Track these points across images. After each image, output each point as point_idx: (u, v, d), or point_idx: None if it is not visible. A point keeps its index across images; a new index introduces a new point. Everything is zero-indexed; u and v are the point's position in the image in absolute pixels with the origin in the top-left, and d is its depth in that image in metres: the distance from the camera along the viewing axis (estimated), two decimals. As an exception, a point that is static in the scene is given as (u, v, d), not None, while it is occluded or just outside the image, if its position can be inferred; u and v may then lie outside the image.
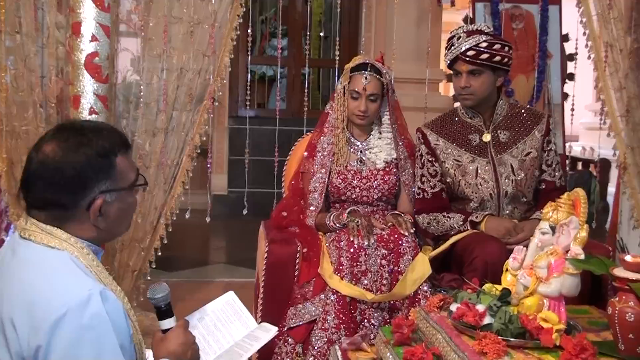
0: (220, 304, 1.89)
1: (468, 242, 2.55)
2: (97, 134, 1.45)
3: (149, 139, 3.15)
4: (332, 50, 4.27)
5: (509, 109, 2.82)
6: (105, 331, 1.33)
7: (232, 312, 1.89)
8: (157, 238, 3.23)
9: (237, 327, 1.86)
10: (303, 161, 2.90)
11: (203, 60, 3.19)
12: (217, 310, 1.88)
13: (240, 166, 4.26)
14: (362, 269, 2.56)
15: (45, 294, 1.33)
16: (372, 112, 2.79)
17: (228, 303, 1.91)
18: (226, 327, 1.85)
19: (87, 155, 1.42)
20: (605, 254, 2.46)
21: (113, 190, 1.45)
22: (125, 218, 1.53)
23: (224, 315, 1.87)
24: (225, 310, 1.89)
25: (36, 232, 1.42)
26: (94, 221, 1.44)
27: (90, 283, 1.36)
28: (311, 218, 2.79)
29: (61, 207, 1.42)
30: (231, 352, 1.81)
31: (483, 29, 2.70)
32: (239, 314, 1.90)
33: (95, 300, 1.33)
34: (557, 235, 1.86)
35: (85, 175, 1.42)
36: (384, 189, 2.80)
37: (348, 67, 2.82)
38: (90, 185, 1.42)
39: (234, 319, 1.89)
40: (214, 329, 1.83)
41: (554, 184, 2.75)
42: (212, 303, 1.88)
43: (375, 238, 2.59)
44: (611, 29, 3.33)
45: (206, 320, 1.83)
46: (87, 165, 1.42)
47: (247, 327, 1.86)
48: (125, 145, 1.50)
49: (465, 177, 2.73)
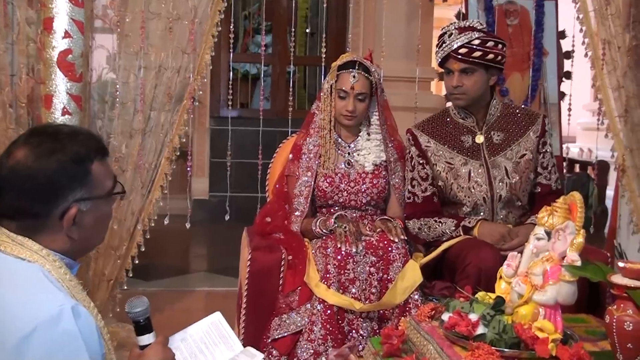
0: (205, 325, 1.88)
1: (460, 248, 2.56)
2: (72, 139, 1.44)
3: (125, 141, 3.14)
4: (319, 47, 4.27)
5: (503, 109, 2.84)
6: (76, 349, 1.31)
7: (217, 334, 1.88)
8: (134, 245, 3.22)
9: (221, 351, 1.86)
10: (288, 164, 2.90)
11: (182, 57, 3.18)
12: (202, 332, 1.87)
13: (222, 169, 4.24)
14: (350, 277, 2.56)
15: (13, 308, 1.31)
16: (361, 112, 2.80)
17: (214, 324, 1.89)
18: (210, 350, 1.85)
19: (60, 161, 1.40)
20: (603, 260, 2.48)
21: (88, 199, 1.44)
22: (100, 228, 1.52)
23: (208, 337, 1.87)
24: (210, 331, 1.88)
25: (6, 243, 1.40)
26: (68, 231, 1.43)
27: (61, 298, 1.34)
28: (296, 224, 2.79)
29: (33, 216, 1.41)
30: None
31: (475, 26, 2.72)
32: (224, 336, 1.89)
33: (67, 316, 1.31)
34: (553, 241, 1.87)
35: (59, 183, 1.40)
36: (372, 193, 2.81)
37: (335, 65, 2.82)
38: (63, 194, 1.41)
39: (218, 342, 1.88)
40: (197, 351, 1.83)
41: (549, 188, 2.77)
42: (197, 324, 1.86)
43: (364, 244, 2.60)
44: (609, 26, 3.36)
45: (189, 341, 1.83)
46: (60, 172, 1.40)
47: (232, 350, 1.86)
48: (102, 151, 1.49)
49: (458, 180, 2.74)
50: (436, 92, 7.58)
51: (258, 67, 7.34)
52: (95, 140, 1.50)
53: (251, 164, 4.36)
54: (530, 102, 4.76)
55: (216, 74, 6.67)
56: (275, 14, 6.87)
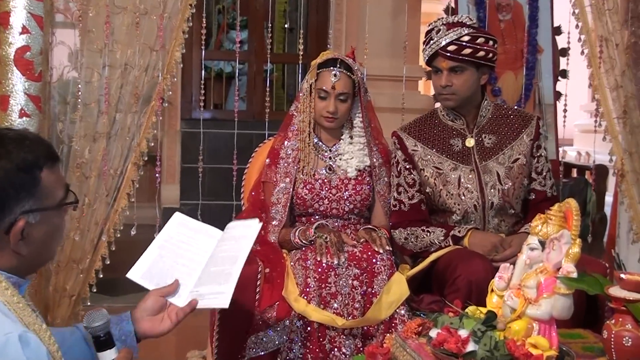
0: (172, 228, 2.02)
1: (450, 259, 2.58)
2: (19, 145, 1.41)
3: (88, 145, 3.12)
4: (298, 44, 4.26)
5: (495, 110, 2.86)
6: None
7: (189, 230, 2.02)
8: (99, 258, 3.19)
9: (204, 241, 1.99)
10: (264, 169, 2.90)
11: (151, 55, 3.17)
12: (174, 234, 2.00)
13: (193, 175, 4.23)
14: (332, 291, 2.57)
15: None
16: (342, 114, 2.81)
17: (180, 224, 2.03)
18: (192, 246, 1.97)
19: (5, 169, 1.38)
20: (601, 271, 2.50)
21: (37, 210, 1.41)
22: (51, 243, 1.49)
23: (183, 235, 1.99)
24: (181, 232, 2.02)
25: None
26: (15, 247, 1.40)
27: (7, 325, 1.31)
28: (274, 234, 2.79)
29: None
30: (221, 260, 1.93)
31: (465, 21, 2.74)
32: (197, 229, 2.04)
33: (14, 346, 1.28)
34: (547, 251, 1.89)
35: (4, 193, 1.38)
36: (356, 201, 2.82)
37: (315, 63, 2.83)
38: (10, 205, 1.38)
39: (194, 235, 2.02)
40: (182, 251, 1.95)
41: (544, 194, 2.80)
42: (164, 231, 2.01)
43: (346, 256, 2.61)
44: (606, 22, 3.40)
45: (167, 246, 1.93)
46: (6, 182, 1.38)
47: (213, 237, 1.99)
48: (52, 157, 1.46)
49: (447, 186, 2.76)
50: (424, 92, 7.62)
51: (233, 65, 7.33)
52: (45, 145, 1.47)
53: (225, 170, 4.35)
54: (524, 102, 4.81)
55: (187, 73, 6.65)
56: (251, 8, 6.87)
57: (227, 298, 1.89)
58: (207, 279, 1.95)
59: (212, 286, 1.92)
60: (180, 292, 1.91)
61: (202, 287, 1.93)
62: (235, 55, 4.12)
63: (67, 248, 3.11)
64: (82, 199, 3.12)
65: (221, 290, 1.90)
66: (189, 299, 1.88)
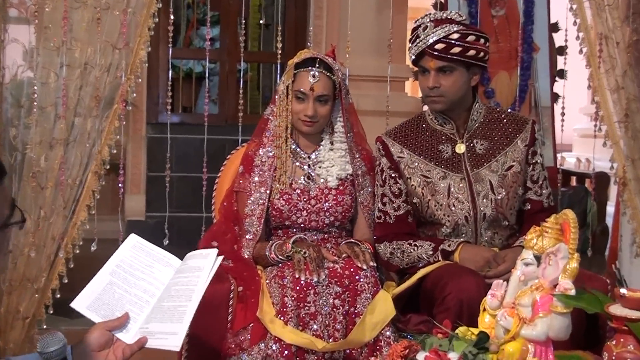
0: (126, 251, 1.98)
1: (439, 276, 2.59)
2: None
3: (44, 152, 3.11)
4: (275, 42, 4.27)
5: (487, 113, 2.88)
6: None
7: (145, 256, 1.98)
8: (55, 276, 3.18)
9: (160, 271, 1.94)
10: (237, 177, 2.90)
11: (113, 53, 3.17)
12: (127, 258, 1.97)
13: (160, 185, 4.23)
14: (311, 311, 2.56)
15: None
16: (322, 118, 2.81)
17: (135, 247, 1.99)
18: (147, 274, 1.93)
19: None
20: (601, 287, 2.52)
21: None
22: None
23: (137, 261, 1.95)
24: (135, 256, 1.98)
25: None
26: None
27: None
28: (248, 249, 2.79)
29: None
30: (175, 294, 1.89)
31: (454, 17, 2.75)
32: (154, 255, 2.00)
33: None
34: (543, 267, 1.90)
35: None
36: (337, 212, 2.82)
37: (292, 63, 2.84)
38: None
39: (151, 262, 1.98)
40: (135, 279, 1.90)
41: (540, 204, 2.82)
42: (117, 254, 1.96)
43: (327, 273, 2.61)
44: (606, 18, 3.43)
45: (120, 272, 1.89)
46: None
47: (170, 265, 1.95)
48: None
49: (436, 196, 2.77)
50: (411, 93, 7.66)
51: (203, 64, 7.31)
52: None
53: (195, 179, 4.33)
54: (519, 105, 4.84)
55: (153, 73, 6.63)
56: (223, 3, 6.87)
57: (178, 340, 1.85)
58: (159, 315, 1.91)
59: (163, 324, 1.88)
60: (129, 327, 1.88)
61: (153, 324, 1.89)
62: (205, 53, 4.12)
63: (21, 265, 3.09)
64: (37, 211, 3.10)
65: (173, 330, 1.86)
66: (138, 336, 1.86)
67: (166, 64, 6.47)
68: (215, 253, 2.02)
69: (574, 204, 5.88)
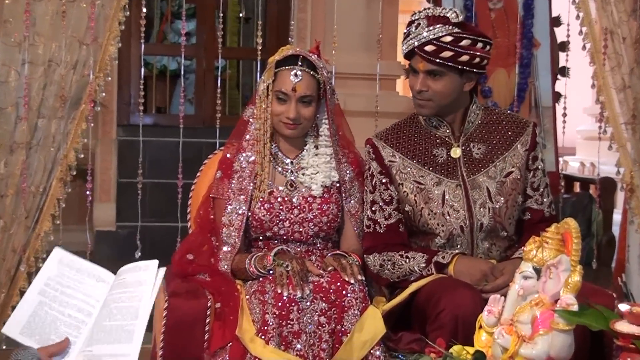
0: (53, 267, 1.96)
1: (433, 290, 2.58)
2: None
3: (4, 157, 3.10)
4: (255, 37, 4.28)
5: (485, 115, 2.88)
6: None
7: (74, 272, 1.96)
8: (16, 292, 3.17)
9: (93, 286, 1.94)
10: (215, 183, 2.89)
11: (80, 49, 3.17)
12: (55, 275, 1.95)
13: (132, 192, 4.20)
14: (294, 330, 2.56)
15: None
16: (306, 120, 2.81)
17: (62, 262, 1.97)
18: (79, 290, 1.91)
19: None
20: (607, 302, 2.51)
21: None
22: None
23: (66, 278, 1.95)
24: (64, 272, 1.96)
25: None
26: None
27: None
28: (226, 261, 2.78)
29: None
30: (117, 312, 1.87)
31: (450, 17, 2.71)
32: (83, 270, 1.98)
33: None
34: (544, 280, 1.90)
35: None
36: (322, 223, 2.82)
37: (272, 61, 2.83)
38: None
39: (81, 278, 1.96)
40: (66, 298, 1.88)
41: (542, 214, 2.82)
42: (43, 270, 1.95)
43: (311, 288, 2.60)
44: (611, 12, 3.45)
45: (49, 292, 1.87)
46: None
47: (104, 281, 1.94)
48: None
49: (429, 204, 2.77)
50: (403, 92, 7.66)
51: (178, 61, 7.31)
52: None
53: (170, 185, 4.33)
54: (518, 105, 4.86)
55: (124, 71, 6.62)
56: (200, -6, 6.89)
57: None
58: (102, 336, 1.88)
59: (111, 346, 1.86)
60: (70, 352, 1.86)
61: (98, 346, 1.87)
62: (180, 49, 4.12)
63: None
64: (-4, 221, 3.09)
65: (124, 352, 1.84)
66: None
67: (138, 60, 6.48)
68: (156, 265, 2.00)
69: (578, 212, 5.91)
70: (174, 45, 7.56)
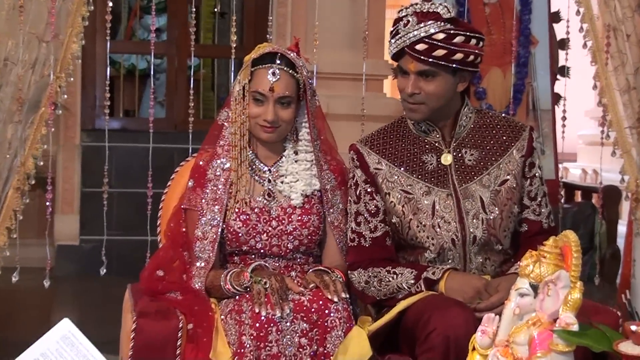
0: (54, 340, 1.99)
1: (422, 309, 2.58)
2: None
3: (-44, 165, 3.09)
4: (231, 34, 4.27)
5: (478, 118, 2.89)
6: None
7: (74, 354, 2.00)
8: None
9: None
10: (187, 193, 2.89)
11: (39, 47, 3.16)
12: (53, 351, 1.98)
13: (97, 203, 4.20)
14: (273, 352, 2.55)
15: None
16: (284, 123, 2.81)
17: (64, 338, 2.00)
18: None
19: None
20: (611, 321, 2.52)
21: None
22: None
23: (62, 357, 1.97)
24: (62, 348, 1.99)
25: None
26: None
27: None
28: (199, 278, 2.77)
29: None
30: None
31: (441, 13, 2.72)
32: (81, 351, 2.02)
33: None
34: (541, 298, 1.91)
35: None
36: (302, 235, 2.82)
37: (249, 59, 2.83)
38: None
39: None
40: None
41: (539, 225, 2.82)
42: (44, 339, 1.98)
43: (292, 307, 2.59)
44: (614, 7, 3.47)
45: None
46: None
47: None
48: None
49: (418, 215, 2.77)
50: (391, 94, 7.68)
51: (148, 59, 7.29)
52: None
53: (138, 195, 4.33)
54: (514, 107, 4.86)
55: (89, 70, 6.61)
56: (171, -12, 6.89)
57: None
58: None
59: None
60: None
61: None
62: (150, 47, 4.11)
63: None
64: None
65: None
66: None
67: (104, 59, 6.47)
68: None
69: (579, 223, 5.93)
70: (143, 43, 7.55)
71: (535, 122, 5.20)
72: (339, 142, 3.03)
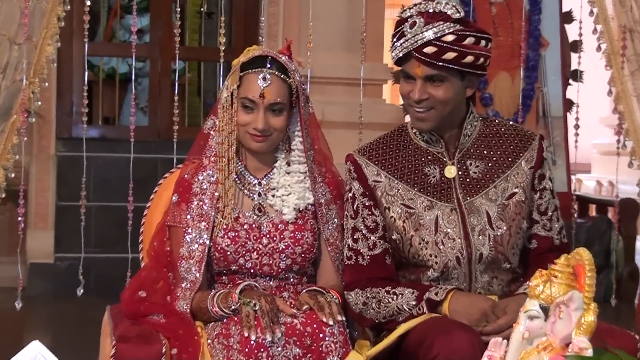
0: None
1: (425, 332, 2.58)
2: None
3: None
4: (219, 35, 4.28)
5: (484, 126, 2.89)
6: None
7: None
8: None
9: None
10: (171, 209, 2.89)
11: (11, 50, 3.16)
12: None
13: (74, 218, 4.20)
14: (263, 379, 2.56)
15: None
16: (276, 131, 2.81)
17: None
18: None
19: None
20: (628, 346, 2.52)
21: None
22: None
23: None
24: None
25: None
26: None
27: None
28: (185, 300, 2.77)
29: None
30: None
31: (449, 13, 2.71)
32: None
33: None
34: (552, 321, 1.91)
35: None
36: (295, 254, 2.82)
37: (237, 63, 2.84)
38: None
39: None
40: None
41: (550, 241, 2.83)
42: None
43: (283, 330, 2.59)
44: (630, 7, 3.48)
45: None
46: None
47: None
48: None
49: (420, 231, 2.77)
50: (390, 100, 7.70)
51: (129, 62, 7.30)
52: None
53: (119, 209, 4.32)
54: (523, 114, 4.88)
55: (65, 75, 6.62)
56: (154, -14, 6.91)
57: None
58: None
59: None
60: None
61: None
62: (131, 49, 4.12)
63: None
64: None
65: None
66: None
67: (81, 62, 6.45)
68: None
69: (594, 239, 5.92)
70: (124, 45, 7.55)
71: (546, 130, 5.21)
72: (335, 152, 3.03)
